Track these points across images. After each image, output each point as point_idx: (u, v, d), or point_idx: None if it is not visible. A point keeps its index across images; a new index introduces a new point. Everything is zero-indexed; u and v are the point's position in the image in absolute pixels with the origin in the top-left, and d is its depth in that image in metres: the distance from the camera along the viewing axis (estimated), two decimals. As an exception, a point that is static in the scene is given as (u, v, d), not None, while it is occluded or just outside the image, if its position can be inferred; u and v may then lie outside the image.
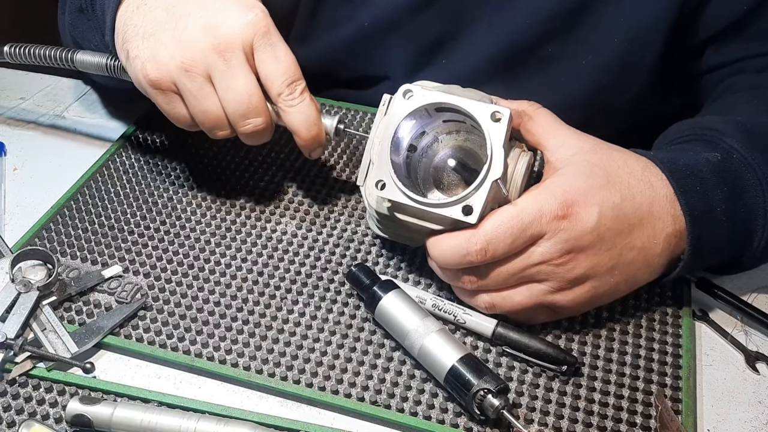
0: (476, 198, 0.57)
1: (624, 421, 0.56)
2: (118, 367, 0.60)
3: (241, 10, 0.63)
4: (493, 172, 0.57)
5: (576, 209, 0.57)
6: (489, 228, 0.57)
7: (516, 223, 0.56)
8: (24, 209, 0.74)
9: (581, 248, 0.57)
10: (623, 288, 0.61)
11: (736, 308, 0.65)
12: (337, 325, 0.62)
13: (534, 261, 0.57)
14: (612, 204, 0.58)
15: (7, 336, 0.58)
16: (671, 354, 0.61)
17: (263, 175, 0.76)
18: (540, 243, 0.57)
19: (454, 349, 0.56)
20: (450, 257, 0.58)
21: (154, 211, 0.72)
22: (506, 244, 0.57)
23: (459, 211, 0.57)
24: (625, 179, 0.59)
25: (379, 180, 0.59)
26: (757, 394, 0.60)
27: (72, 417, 0.54)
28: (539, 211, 0.56)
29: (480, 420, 0.55)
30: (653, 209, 0.59)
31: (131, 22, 0.64)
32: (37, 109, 0.88)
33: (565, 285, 0.58)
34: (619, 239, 0.58)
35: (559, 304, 0.59)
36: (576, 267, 0.58)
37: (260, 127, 0.64)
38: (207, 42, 0.61)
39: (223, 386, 0.59)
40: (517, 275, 0.58)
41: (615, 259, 0.58)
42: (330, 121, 0.67)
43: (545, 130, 0.62)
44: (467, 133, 0.63)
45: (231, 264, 0.67)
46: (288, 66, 0.63)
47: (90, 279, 0.64)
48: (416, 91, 0.60)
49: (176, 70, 0.62)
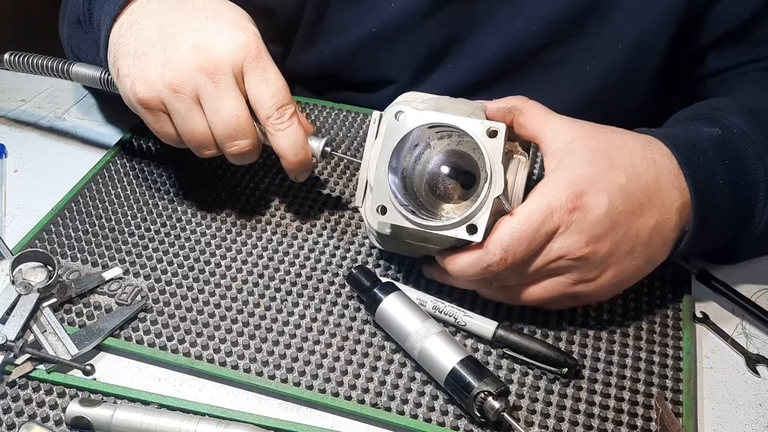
0: (480, 217, 0.56)
1: (624, 424, 0.56)
2: (118, 369, 0.60)
3: (232, 31, 0.63)
4: (495, 190, 0.57)
5: (585, 198, 0.57)
6: (504, 236, 0.57)
7: (529, 225, 0.56)
8: (24, 211, 0.74)
9: (597, 237, 0.57)
10: (645, 268, 0.61)
11: (738, 305, 0.65)
12: (337, 327, 0.62)
13: (553, 257, 0.58)
14: (619, 186, 0.58)
15: (8, 338, 0.58)
16: (672, 357, 0.61)
17: (263, 177, 0.76)
18: (556, 239, 0.57)
19: (454, 351, 0.56)
20: (471, 271, 0.58)
21: (155, 213, 0.72)
22: (523, 248, 0.57)
23: (464, 231, 0.57)
24: (627, 159, 0.59)
25: (380, 205, 0.58)
26: (757, 396, 0.60)
27: (72, 419, 0.54)
28: (549, 208, 0.57)
29: (480, 422, 0.55)
30: (660, 185, 0.59)
31: (123, 41, 0.65)
32: (37, 111, 0.88)
33: (587, 275, 0.59)
34: (633, 221, 0.58)
35: (583, 293, 0.60)
36: (595, 257, 0.58)
37: (247, 149, 0.64)
38: (196, 63, 0.61)
39: (223, 388, 0.59)
40: (538, 272, 0.59)
41: (632, 242, 0.59)
42: (317, 143, 0.66)
43: (538, 122, 0.62)
44: (459, 137, 0.62)
45: (231, 266, 0.67)
46: (278, 89, 0.63)
47: (90, 281, 0.64)
48: (407, 111, 0.59)
49: (165, 89, 0.62)
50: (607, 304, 0.65)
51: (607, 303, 0.65)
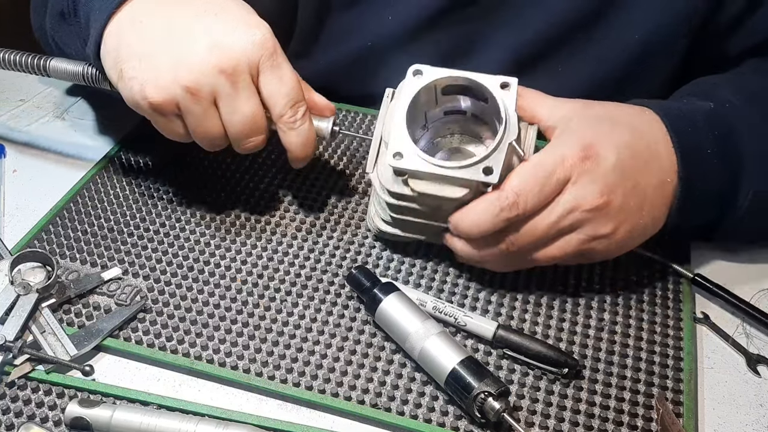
0: (495, 159, 0.58)
1: (625, 424, 0.56)
2: (117, 370, 0.60)
3: (247, 29, 0.62)
4: (510, 134, 0.58)
5: (595, 149, 0.58)
6: (516, 182, 0.58)
7: (541, 171, 0.58)
8: (23, 211, 0.73)
9: (610, 187, 0.58)
10: (650, 230, 0.62)
11: (735, 307, 0.65)
12: (336, 327, 0.62)
13: (567, 208, 0.58)
14: (625, 142, 0.60)
15: (6, 338, 0.58)
16: (672, 357, 0.61)
17: (263, 178, 0.76)
18: (568, 189, 0.58)
19: (454, 351, 0.56)
20: (484, 221, 0.58)
21: (154, 213, 0.72)
22: (535, 193, 0.58)
23: (480, 172, 0.58)
24: (627, 120, 0.61)
25: (396, 152, 0.59)
26: (758, 396, 0.60)
27: (71, 420, 0.54)
28: (561, 157, 0.58)
29: (481, 423, 0.55)
30: (659, 147, 0.61)
31: (125, 40, 0.62)
32: (36, 111, 0.87)
33: (600, 230, 0.59)
34: (641, 177, 0.60)
35: (596, 249, 0.61)
36: (609, 209, 0.59)
37: (260, 142, 0.65)
38: (214, 64, 0.60)
39: (222, 389, 0.59)
40: (553, 227, 0.59)
41: (641, 198, 0.60)
42: (325, 123, 0.67)
43: (535, 102, 0.64)
44: (461, 134, 0.64)
45: (230, 266, 0.67)
46: (292, 87, 0.63)
47: (89, 281, 0.64)
48: (426, 69, 0.62)
49: (181, 93, 0.60)
50: (607, 305, 0.65)
51: (607, 303, 0.65)
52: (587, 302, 0.65)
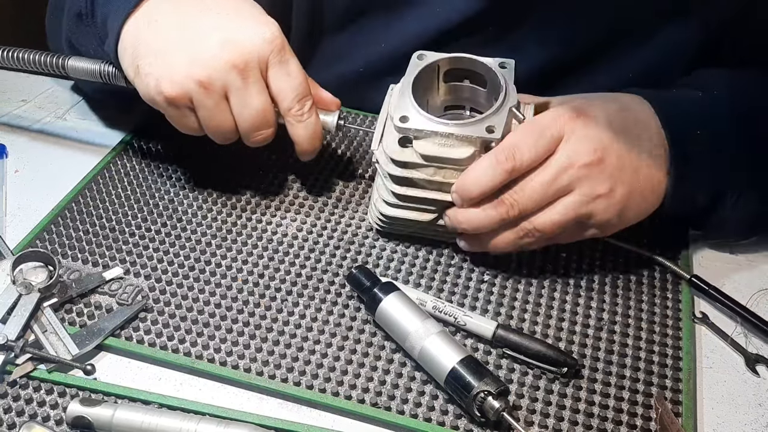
0: (497, 118, 0.62)
1: (624, 424, 0.56)
2: (118, 369, 0.60)
3: (257, 26, 0.64)
4: (510, 100, 0.62)
5: (587, 111, 0.62)
6: (509, 138, 0.60)
7: (534, 126, 0.61)
8: (25, 211, 0.74)
9: (602, 146, 0.60)
10: (650, 199, 0.63)
11: (731, 309, 0.65)
12: (337, 327, 0.62)
13: (562, 164, 0.60)
14: (615, 109, 0.63)
15: (8, 338, 0.58)
16: (671, 356, 0.61)
17: (263, 178, 0.76)
18: (561, 147, 0.60)
19: (454, 351, 0.56)
20: (483, 176, 0.60)
21: (155, 213, 0.72)
22: (529, 146, 0.60)
23: (483, 130, 0.61)
24: (617, 99, 0.64)
25: (402, 116, 0.62)
26: (757, 396, 0.60)
27: (73, 419, 0.54)
28: (554, 116, 0.61)
29: (480, 422, 0.55)
30: (650, 124, 0.63)
31: (142, 38, 0.65)
32: (38, 111, 0.88)
33: (598, 189, 0.60)
34: (634, 142, 0.62)
35: (595, 212, 0.61)
36: (605, 166, 0.60)
37: (269, 135, 0.67)
38: (226, 60, 0.63)
39: (223, 388, 0.59)
40: (551, 186, 0.60)
41: (636, 161, 0.61)
42: (331, 117, 0.69)
43: (528, 101, 0.67)
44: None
45: (231, 266, 0.67)
46: (300, 82, 0.66)
47: (91, 281, 0.64)
48: (429, 53, 0.67)
49: (194, 86, 0.63)
50: (607, 304, 0.65)
51: (606, 303, 0.65)
52: (586, 302, 0.65)
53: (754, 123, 0.67)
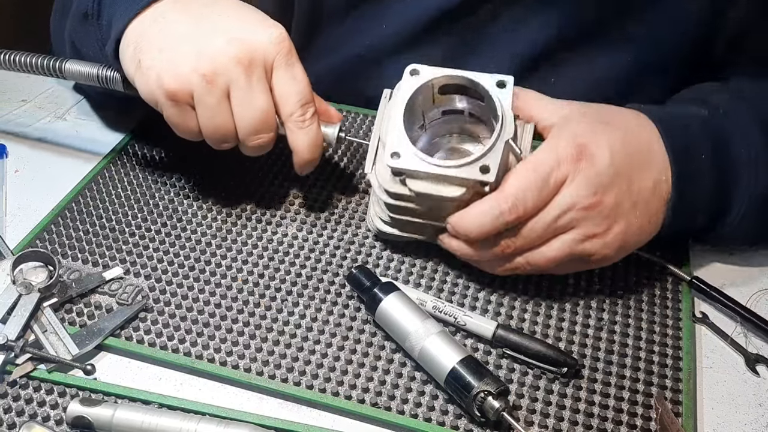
0: (492, 157, 0.58)
1: (624, 424, 0.56)
2: (118, 369, 0.60)
3: (266, 27, 0.64)
4: (506, 132, 0.59)
5: (590, 149, 0.59)
6: (514, 184, 0.58)
7: (538, 174, 0.58)
8: (25, 211, 0.74)
9: (604, 186, 0.59)
10: (647, 230, 0.62)
11: (732, 310, 0.65)
12: (337, 327, 0.62)
13: (563, 208, 0.59)
14: (619, 142, 0.61)
15: (8, 338, 0.58)
16: (671, 356, 0.61)
17: (264, 178, 0.76)
18: (564, 189, 0.59)
19: (454, 351, 0.56)
20: (484, 224, 0.59)
21: (155, 213, 0.72)
22: (534, 196, 0.58)
23: (477, 171, 0.58)
24: (622, 122, 0.62)
25: (394, 152, 0.60)
26: (757, 396, 0.60)
27: (73, 419, 0.54)
28: (557, 158, 0.59)
29: (480, 422, 0.55)
30: (653, 148, 0.62)
31: (147, 35, 0.64)
32: (38, 111, 0.88)
33: (594, 230, 0.60)
34: (635, 175, 0.60)
35: (591, 251, 0.61)
36: (602, 207, 0.59)
37: (267, 141, 0.65)
38: (232, 54, 0.62)
39: (223, 388, 0.59)
40: (549, 227, 0.59)
41: (635, 196, 0.60)
42: (331, 130, 0.68)
43: (533, 103, 0.65)
44: (459, 134, 0.64)
45: (231, 266, 0.67)
46: (304, 87, 0.65)
47: (91, 281, 0.64)
48: (422, 68, 0.62)
49: (197, 81, 0.62)
50: (607, 304, 0.65)
51: (606, 303, 0.65)
52: (587, 302, 0.65)
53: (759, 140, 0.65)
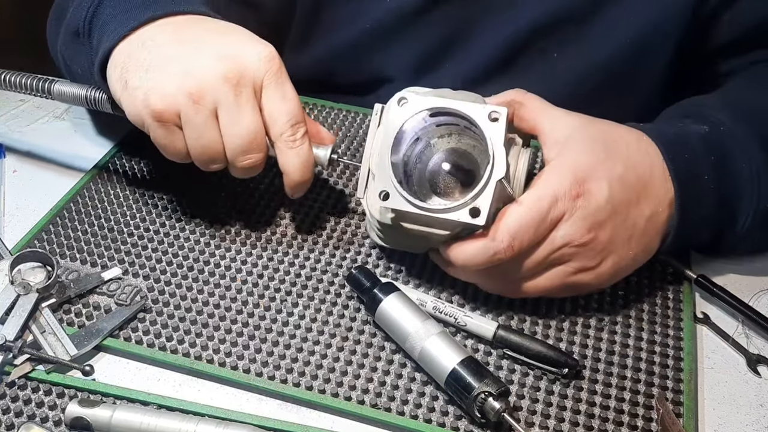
0: (482, 200, 0.57)
1: (625, 424, 0.56)
2: (117, 370, 0.60)
3: (255, 45, 0.62)
4: (497, 172, 0.57)
5: (588, 185, 0.58)
6: (511, 223, 0.58)
7: (536, 212, 0.58)
8: (23, 211, 0.73)
9: (599, 223, 0.59)
10: (641, 258, 0.63)
11: (737, 310, 0.65)
12: (336, 327, 0.62)
13: (558, 245, 0.59)
14: (618, 175, 0.60)
15: (7, 338, 0.58)
16: (672, 357, 0.61)
17: (263, 178, 0.76)
18: (560, 226, 0.58)
19: (454, 351, 0.56)
20: (478, 260, 0.58)
21: (154, 213, 0.72)
22: (530, 235, 0.58)
23: (466, 215, 0.57)
24: (623, 151, 0.61)
25: (382, 190, 0.58)
26: (758, 397, 0.60)
27: (71, 419, 0.54)
28: (554, 196, 0.58)
29: (481, 423, 0.55)
30: (654, 175, 0.61)
31: (134, 56, 0.62)
32: (36, 111, 0.87)
33: (587, 264, 0.60)
34: (631, 210, 0.60)
35: (583, 282, 0.61)
36: (596, 243, 0.59)
37: (257, 161, 0.63)
38: (220, 72, 0.60)
39: (222, 389, 0.59)
40: (543, 262, 0.59)
41: (630, 230, 0.60)
42: (323, 151, 0.66)
43: (537, 114, 0.63)
44: (459, 135, 0.62)
45: (230, 266, 0.67)
46: (294, 106, 0.62)
47: (89, 281, 0.64)
48: (410, 97, 0.60)
49: (184, 100, 0.59)
50: (607, 305, 0.65)
51: (607, 303, 0.65)
52: (587, 302, 0.65)
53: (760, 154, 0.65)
